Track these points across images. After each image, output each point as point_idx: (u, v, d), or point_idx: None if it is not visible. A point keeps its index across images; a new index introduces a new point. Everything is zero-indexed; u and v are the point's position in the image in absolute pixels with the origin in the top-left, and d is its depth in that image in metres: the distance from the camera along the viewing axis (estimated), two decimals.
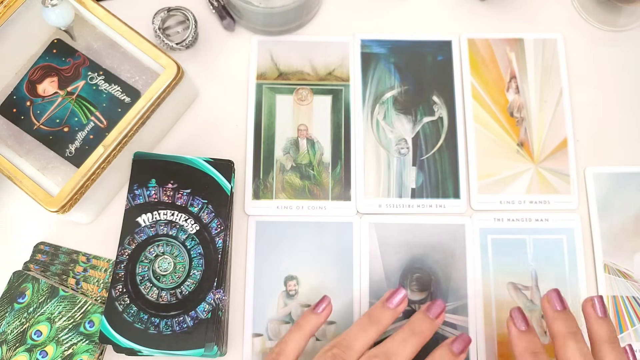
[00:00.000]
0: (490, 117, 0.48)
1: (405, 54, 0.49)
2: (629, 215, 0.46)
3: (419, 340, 0.37)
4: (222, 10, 0.49)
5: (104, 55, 0.44)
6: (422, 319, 0.39)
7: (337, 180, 0.46)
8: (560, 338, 0.36)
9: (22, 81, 0.43)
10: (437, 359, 0.37)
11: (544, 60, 0.49)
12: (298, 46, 0.49)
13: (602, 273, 0.45)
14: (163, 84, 0.41)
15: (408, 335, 0.37)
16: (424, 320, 0.38)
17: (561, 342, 0.36)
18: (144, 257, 0.41)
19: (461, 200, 0.46)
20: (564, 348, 0.36)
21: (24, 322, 0.42)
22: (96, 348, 0.41)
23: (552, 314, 0.38)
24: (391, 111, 0.48)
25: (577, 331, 0.37)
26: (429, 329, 0.38)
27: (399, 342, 0.37)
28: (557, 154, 0.47)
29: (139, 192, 0.42)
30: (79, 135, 0.42)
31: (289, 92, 0.48)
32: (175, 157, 0.43)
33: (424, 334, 0.38)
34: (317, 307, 0.40)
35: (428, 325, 0.38)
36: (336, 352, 0.36)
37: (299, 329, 0.39)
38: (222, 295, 0.41)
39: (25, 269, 0.44)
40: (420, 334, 0.38)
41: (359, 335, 0.37)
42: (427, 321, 0.38)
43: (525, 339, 0.37)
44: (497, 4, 0.51)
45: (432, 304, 0.39)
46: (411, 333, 0.37)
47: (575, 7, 0.51)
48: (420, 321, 0.38)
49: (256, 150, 0.47)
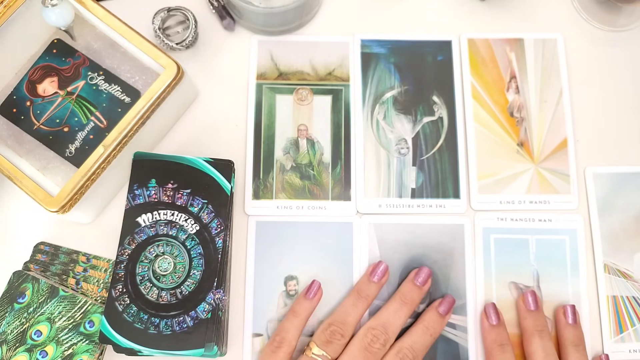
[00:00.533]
0: (490, 117, 0.48)
1: (405, 54, 0.49)
2: (629, 215, 0.46)
3: (410, 309, 0.42)
4: (222, 10, 0.49)
5: (104, 55, 0.44)
6: (411, 289, 0.42)
7: (337, 180, 0.46)
8: (528, 333, 0.42)
9: (22, 81, 0.43)
10: (427, 320, 0.41)
11: (544, 60, 0.49)
12: (298, 46, 0.49)
13: (602, 273, 0.45)
14: (163, 84, 0.41)
15: (399, 305, 0.41)
16: (413, 289, 0.42)
17: (528, 337, 0.41)
18: (144, 257, 0.41)
19: (461, 200, 0.46)
20: (530, 343, 0.41)
21: (24, 322, 0.42)
22: (96, 348, 0.41)
23: (524, 312, 0.42)
24: (391, 111, 0.48)
25: (544, 330, 0.41)
26: (418, 297, 0.42)
27: (392, 312, 0.41)
28: (557, 154, 0.47)
29: (139, 192, 0.42)
30: (79, 135, 0.42)
31: (289, 92, 0.48)
32: (175, 157, 0.43)
33: (414, 302, 0.42)
34: (309, 292, 0.42)
35: (417, 293, 0.42)
36: (334, 329, 0.40)
37: (295, 316, 0.41)
38: (222, 295, 0.41)
39: (25, 269, 0.44)
40: (411, 302, 0.42)
41: (351, 311, 0.41)
42: (416, 290, 0.42)
43: (495, 332, 0.42)
44: (497, 4, 0.51)
45: (443, 300, 0.43)
46: (402, 303, 0.41)
47: (575, 7, 0.51)
48: (410, 291, 0.42)
49: (256, 150, 0.47)
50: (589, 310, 0.44)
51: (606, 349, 0.43)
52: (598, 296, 0.44)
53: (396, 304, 0.41)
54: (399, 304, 0.41)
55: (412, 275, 0.43)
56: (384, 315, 0.41)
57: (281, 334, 0.40)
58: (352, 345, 0.40)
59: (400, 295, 0.42)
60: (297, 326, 0.41)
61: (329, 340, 0.40)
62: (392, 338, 0.40)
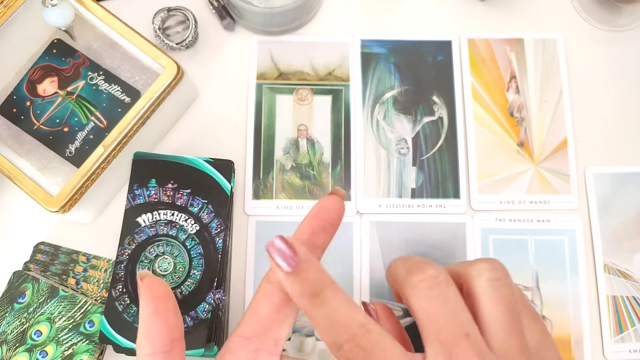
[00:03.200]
0: (490, 117, 0.48)
1: (405, 54, 0.49)
2: (629, 215, 0.46)
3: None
4: (222, 10, 0.49)
5: (104, 55, 0.44)
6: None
7: (337, 180, 0.46)
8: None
9: (22, 81, 0.43)
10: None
11: (544, 60, 0.49)
12: (298, 46, 0.49)
13: (602, 273, 0.45)
14: (163, 84, 0.41)
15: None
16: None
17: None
18: (144, 257, 0.41)
19: (461, 200, 0.46)
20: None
21: (24, 322, 0.42)
22: (96, 348, 0.41)
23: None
24: (391, 111, 0.48)
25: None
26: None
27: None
28: (557, 154, 0.47)
29: (139, 192, 0.42)
30: (79, 135, 0.42)
31: (289, 92, 0.48)
32: (175, 157, 0.43)
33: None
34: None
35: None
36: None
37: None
38: (222, 295, 0.41)
39: (25, 269, 0.44)
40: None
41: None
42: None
43: (296, 281, 0.25)
44: (497, 4, 0.51)
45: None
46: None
47: (575, 7, 0.51)
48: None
49: (256, 150, 0.47)
50: (589, 310, 0.44)
51: (606, 349, 0.43)
52: (598, 296, 0.44)
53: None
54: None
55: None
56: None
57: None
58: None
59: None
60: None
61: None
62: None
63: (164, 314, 0.27)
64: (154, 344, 0.26)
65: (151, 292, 0.27)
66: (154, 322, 0.27)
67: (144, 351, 0.26)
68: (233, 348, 0.27)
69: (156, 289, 0.27)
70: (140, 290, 0.27)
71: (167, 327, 0.27)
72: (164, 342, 0.26)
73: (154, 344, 0.26)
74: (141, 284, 0.27)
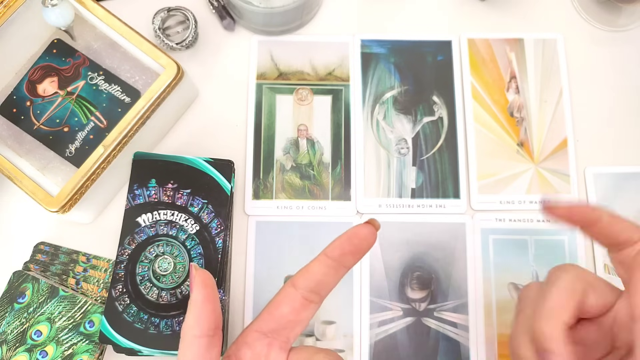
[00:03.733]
0: (490, 117, 0.48)
1: (405, 54, 0.49)
2: (629, 215, 0.46)
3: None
4: (222, 10, 0.49)
5: (104, 55, 0.44)
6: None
7: (337, 180, 0.46)
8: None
9: (22, 81, 0.43)
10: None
11: (544, 60, 0.49)
12: (298, 46, 0.49)
13: (602, 273, 0.45)
14: (163, 84, 0.41)
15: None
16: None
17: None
18: (144, 257, 0.41)
19: (461, 200, 0.46)
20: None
21: (24, 322, 0.42)
22: (96, 348, 0.41)
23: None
24: (391, 111, 0.48)
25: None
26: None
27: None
28: (557, 154, 0.47)
29: (139, 192, 0.42)
30: (79, 135, 0.42)
31: (289, 92, 0.48)
32: (175, 157, 0.43)
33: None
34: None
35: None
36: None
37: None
38: (222, 295, 0.41)
39: (25, 269, 0.44)
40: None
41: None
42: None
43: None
44: (497, 4, 0.51)
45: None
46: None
47: (575, 7, 0.51)
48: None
49: (256, 150, 0.47)
50: None
51: None
52: None
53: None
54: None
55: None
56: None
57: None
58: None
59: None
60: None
61: None
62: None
63: (213, 302, 0.29)
64: (203, 327, 0.29)
65: (203, 281, 0.30)
66: (204, 307, 0.29)
67: (193, 332, 0.29)
68: (250, 341, 0.29)
69: (208, 279, 0.30)
70: (194, 278, 0.30)
71: (214, 314, 0.29)
72: (210, 327, 0.29)
73: (203, 327, 0.29)
74: (195, 273, 0.30)
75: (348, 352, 0.43)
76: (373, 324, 0.44)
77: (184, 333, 0.29)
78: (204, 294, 0.29)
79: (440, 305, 0.44)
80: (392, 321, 0.44)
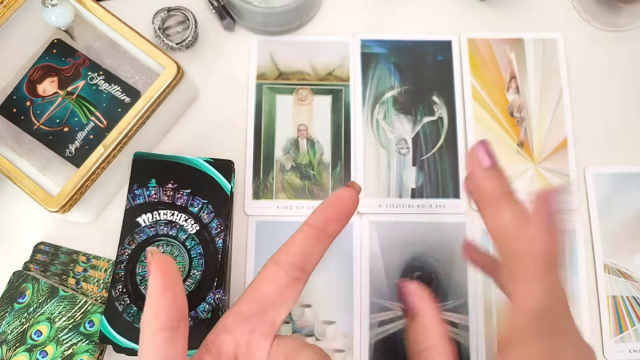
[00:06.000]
0: (490, 117, 0.48)
1: (405, 54, 0.49)
2: (629, 215, 0.46)
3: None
4: (222, 10, 0.49)
5: (104, 55, 0.44)
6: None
7: (337, 180, 0.46)
8: (492, 201, 0.31)
9: (22, 81, 0.43)
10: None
11: (544, 60, 0.49)
12: (298, 46, 0.49)
13: (602, 273, 0.45)
14: (163, 84, 0.41)
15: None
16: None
17: (494, 204, 0.31)
18: (144, 257, 0.41)
19: (461, 200, 0.46)
20: (497, 211, 0.30)
21: (24, 322, 0.42)
22: (96, 348, 0.41)
23: (480, 173, 0.32)
24: (391, 111, 0.48)
25: (509, 190, 0.32)
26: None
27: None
28: (557, 154, 0.47)
29: (139, 192, 0.42)
30: (79, 135, 0.42)
31: (289, 92, 0.48)
32: (175, 157, 0.43)
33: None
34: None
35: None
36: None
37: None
38: (222, 295, 0.41)
39: (25, 269, 0.44)
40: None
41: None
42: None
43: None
44: (497, 4, 0.51)
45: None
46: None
47: (575, 7, 0.51)
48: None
49: (256, 150, 0.47)
50: (589, 310, 0.44)
51: (606, 349, 0.43)
52: (598, 296, 0.44)
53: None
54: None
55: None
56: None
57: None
58: None
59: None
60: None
61: None
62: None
63: (173, 289, 0.26)
64: (163, 320, 0.26)
65: (161, 268, 0.26)
66: (163, 297, 0.26)
67: (152, 327, 0.25)
68: (229, 325, 0.27)
69: (166, 265, 0.27)
70: (150, 265, 0.27)
71: (175, 303, 0.26)
72: (172, 318, 0.26)
73: (163, 319, 0.26)
74: (151, 259, 0.27)
75: (348, 352, 0.43)
76: (373, 324, 0.44)
77: (142, 328, 0.26)
78: (161, 281, 0.26)
79: (440, 305, 0.44)
80: (392, 321, 0.44)
